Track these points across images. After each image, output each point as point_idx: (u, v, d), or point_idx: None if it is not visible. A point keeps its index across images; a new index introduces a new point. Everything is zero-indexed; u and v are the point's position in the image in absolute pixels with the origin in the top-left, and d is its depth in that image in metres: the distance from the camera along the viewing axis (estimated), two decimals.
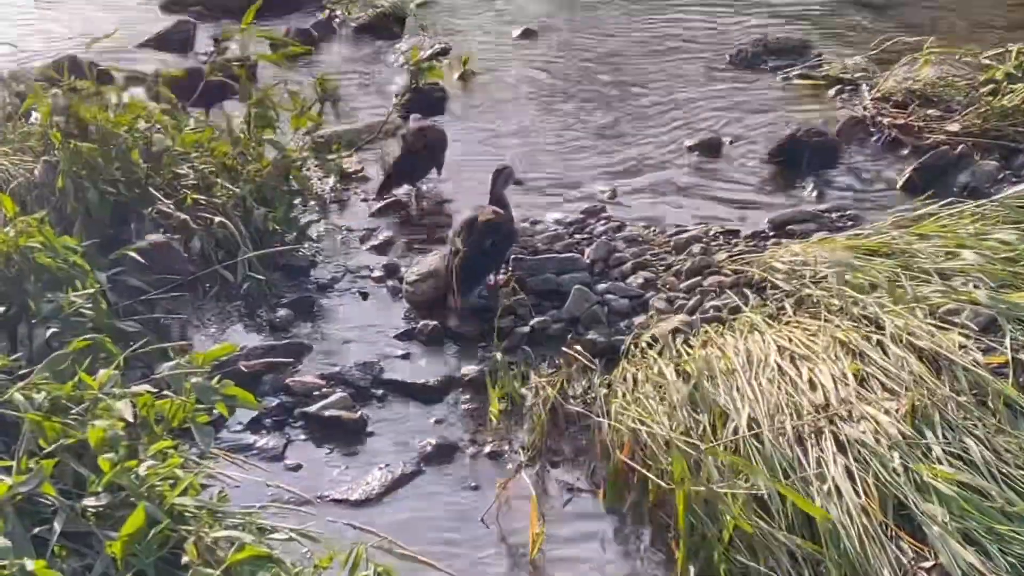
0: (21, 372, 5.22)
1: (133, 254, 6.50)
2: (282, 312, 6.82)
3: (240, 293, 6.90)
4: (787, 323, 6.00)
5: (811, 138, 8.40)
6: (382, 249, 7.53)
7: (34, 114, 7.78)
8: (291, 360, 6.38)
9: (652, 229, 7.54)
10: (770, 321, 6.04)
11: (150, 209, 7.14)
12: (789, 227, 7.45)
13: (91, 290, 5.97)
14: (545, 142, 8.85)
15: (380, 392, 6.21)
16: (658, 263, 7.14)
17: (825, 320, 5.89)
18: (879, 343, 5.58)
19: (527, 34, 10.65)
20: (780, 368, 5.49)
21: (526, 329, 6.58)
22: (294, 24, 10.72)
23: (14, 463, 4.48)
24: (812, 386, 5.36)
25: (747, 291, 6.57)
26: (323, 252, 7.49)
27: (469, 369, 6.32)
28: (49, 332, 5.69)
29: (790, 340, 5.73)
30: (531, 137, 8.94)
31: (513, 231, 7.09)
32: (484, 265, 6.88)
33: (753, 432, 5.10)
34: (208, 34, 10.61)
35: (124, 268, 6.51)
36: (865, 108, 8.89)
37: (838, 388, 5.31)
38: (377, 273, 7.28)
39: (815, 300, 6.14)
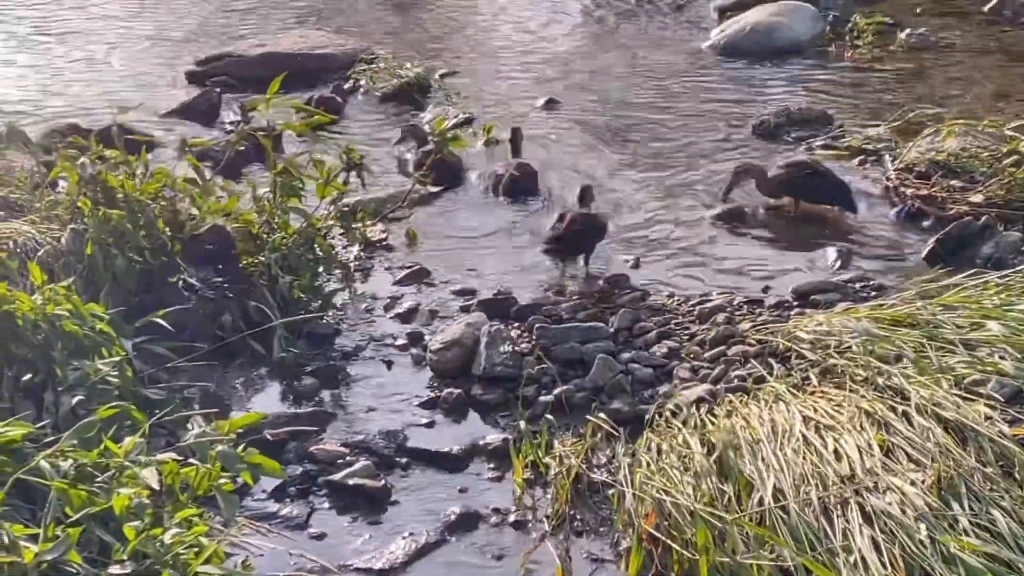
0: (47, 439, 5.24)
1: (159, 320, 6.53)
2: (307, 380, 6.83)
3: (265, 361, 6.92)
4: (812, 393, 5.99)
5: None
6: (406, 317, 7.55)
7: (61, 183, 7.85)
8: (315, 428, 6.38)
9: (676, 298, 7.55)
10: (795, 391, 6.03)
11: (176, 277, 7.19)
12: (813, 297, 7.45)
13: (117, 358, 6.00)
14: (552, 209, 8.86)
15: (404, 460, 6.20)
16: (682, 332, 7.14)
17: (850, 390, 5.87)
18: (905, 414, 5.56)
19: (550, 104, 10.71)
20: (805, 438, 5.47)
21: (550, 398, 6.58)
22: (319, 94, 10.79)
23: (40, 531, 4.48)
24: (838, 457, 5.34)
25: (772, 361, 6.56)
26: (347, 320, 7.51)
27: (493, 437, 6.32)
28: (75, 399, 5.71)
29: (815, 410, 5.72)
30: (552, 202, 8.96)
31: (605, 227, 7.99)
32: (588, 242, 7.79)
33: (779, 503, 5.08)
34: (233, 104, 10.69)
35: (150, 335, 6.54)
36: (888, 178, 8.90)
37: (864, 459, 5.29)
38: (401, 341, 7.29)
39: (840, 370, 6.13)
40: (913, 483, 5.11)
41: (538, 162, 9.41)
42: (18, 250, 7.16)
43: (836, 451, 5.37)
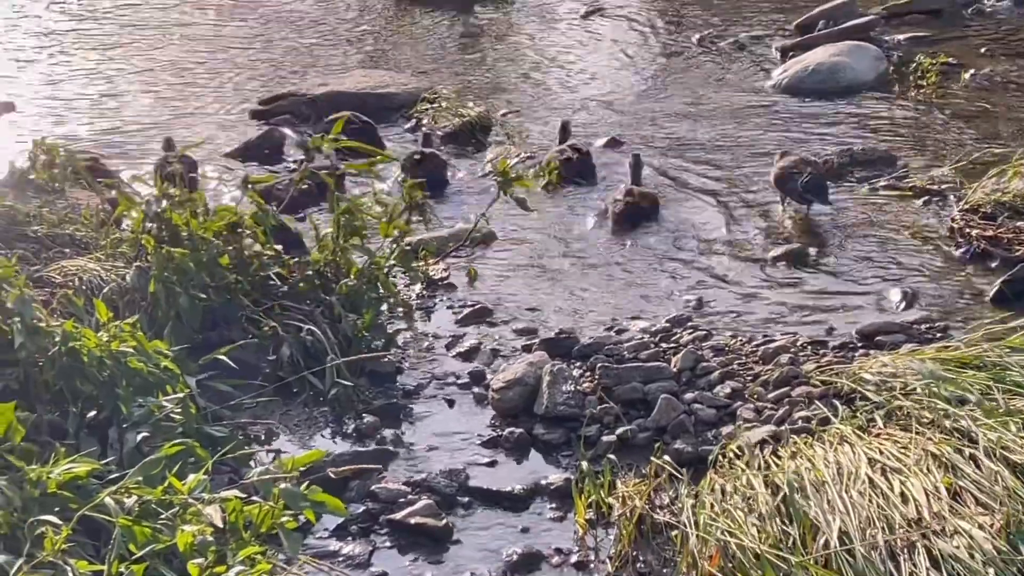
0: (112, 476, 5.27)
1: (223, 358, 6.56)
2: (369, 418, 6.84)
3: (327, 399, 6.93)
4: (878, 435, 5.94)
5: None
6: (468, 356, 7.54)
7: (126, 220, 7.92)
8: (378, 466, 6.38)
9: (739, 339, 7.52)
10: (860, 433, 5.98)
11: (239, 315, 7.22)
12: (878, 338, 7.39)
13: (181, 395, 6.03)
14: (629, 251, 8.86)
15: (466, 500, 6.19)
16: (745, 373, 7.10)
17: (916, 433, 5.82)
18: (972, 456, 5.50)
19: (612, 143, 10.71)
20: (871, 480, 5.42)
21: (612, 438, 6.56)
22: (381, 133, 10.83)
23: (105, 567, 4.50)
24: (904, 499, 5.28)
25: (836, 402, 6.51)
26: (409, 359, 7.52)
27: (555, 477, 6.30)
28: (140, 436, 5.75)
29: (881, 452, 5.67)
30: (616, 245, 8.95)
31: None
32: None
33: (845, 546, 5.03)
34: (296, 143, 10.75)
35: (214, 372, 6.57)
36: (953, 219, 8.84)
37: (931, 502, 5.23)
38: (463, 380, 7.29)
39: (906, 412, 6.08)
40: (981, 527, 5.05)
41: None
42: (84, 287, 7.22)
43: (902, 494, 5.32)
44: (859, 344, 7.39)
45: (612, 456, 6.34)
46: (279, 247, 7.64)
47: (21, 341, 6.10)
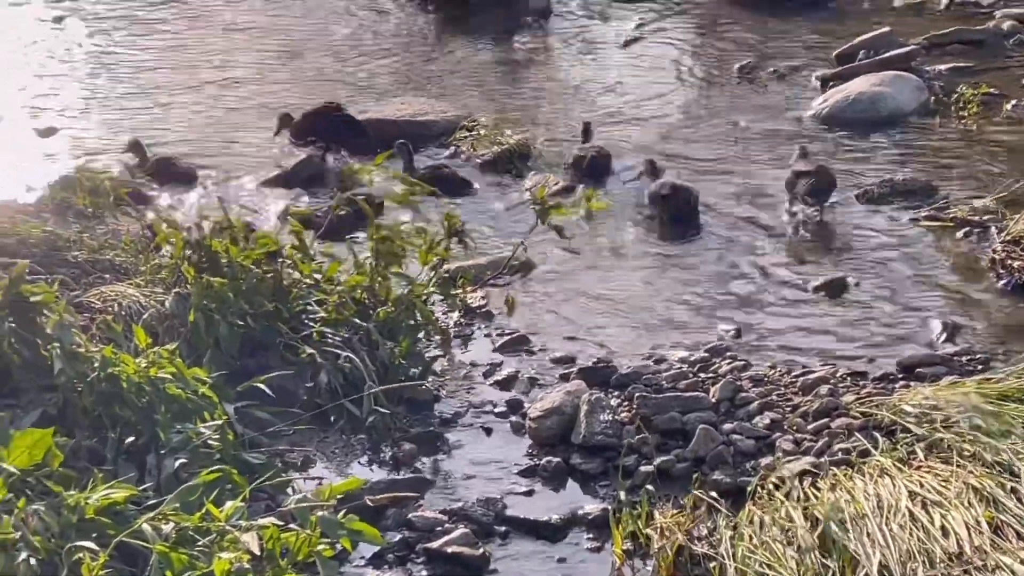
0: (149, 502, 5.28)
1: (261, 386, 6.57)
2: (406, 446, 6.83)
3: (365, 426, 6.93)
4: (918, 468, 5.90)
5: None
6: (505, 384, 7.53)
7: (165, 246, 7.94)
8: (414, 495, 6.38)
9: (778, 369, 7.48)
10: (901, 465, 5.94)
11: (277, 342, 7.24)
12: (918, 370, 7.35)
13: (219, 421, 6.04)
14: (667, 279, 8.84)
15: (503, 529, 6.18)
16: (784, 404, 7.06)
17: (958, 466, 5.78)
18: (1014, 490, 5.46)
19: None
20: (912, 514, 5.39)
21: (650, 468, 6.53)
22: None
23: None
24: (945, 533, 5.25)
25: (876, 434, 6.47)
26: (447, 386, 7.51)
27: (592, 507, 6.28)
28: (177, 463, 5.75)
29: (922, 485, 5.64)
30: (653, 273, 8.94)
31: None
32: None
33: None
34: (336, 170, 10.76)
35: (251, 400, 6.58)
36: (995, 251, 8.78)
37: (972, 536, 5.20)
38: (500, 408, 7.29)
39: (947, 445, 6.03)
40: (1023, 561, 5.01)
41: None
42: (123, 313, 7.25)
43: (943, 527, 5.29)
44: (899, 376, 7.35)
45: (650, 486, 6.31)
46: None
47: (60, 367, 6.13)
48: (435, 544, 5.96)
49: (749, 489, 6.08)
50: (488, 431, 7.11)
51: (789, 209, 9.62)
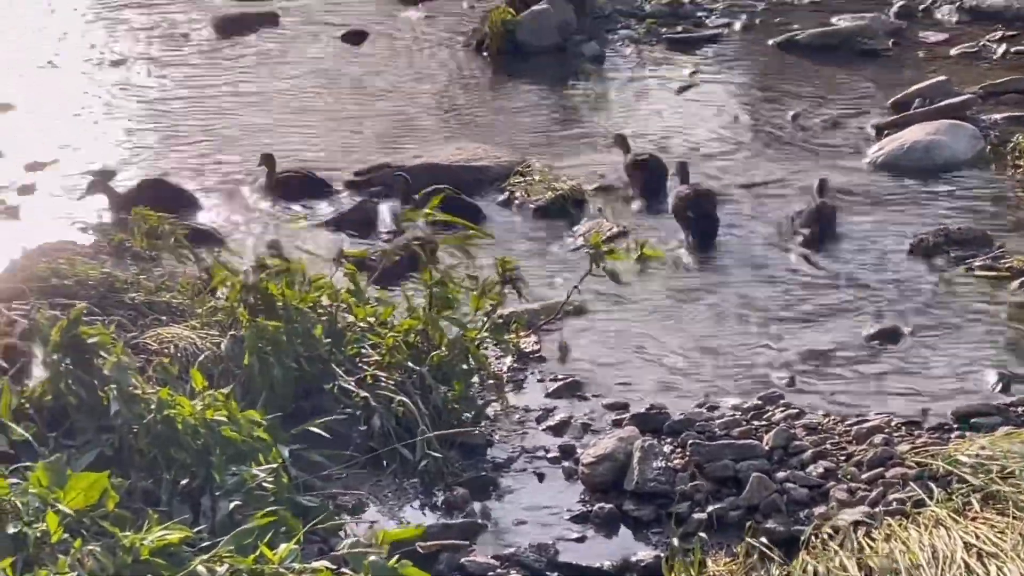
0: (204, 544, 5.30)
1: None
2: (458, 491, 6.84)
3: (418, 470, 6.94)
4: (974, 519, 5.86)
5: None
6: (558, 430, 7.54)
7: (221, 289, 8.00)
8: (467, 540, 6.38)
9: (832, 418, 7.45)
10: (956, 516, 5.90)
11: (331, 385, 7.27)
12: (974, 420, 7.30)
13: (274, 464, 6.07)
14: (721, 325, 8.83)
15: (555, 575, 6.17)
16: (838, 452, 7.03)
17: (1014, 517, 5.73)
18: None
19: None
20: (967, 565, 5.36)
21: (703, 516, 6.52)
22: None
23: None
24: None
25: (931, 484, 6.43)
26: (499, 431, 7.52)
27: (645, 554, 6.27)
28: (232, 505, 5.78)
29: (977, 536, 5.60)
30: (707, 318, 8.93)
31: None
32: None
33: None
34: (390, 214, 10.80)
35: (305, 442, 6.61)
36: None
37: None
38: (553, 454, 7.29)
39: (1003, 496, 5.99)
40: None
41: None
42: (179, 355, 7.30)
43: None
44: (955, 426, 7.30)
45: (703, 534, 6.30)
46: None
47: (117, 408, 6.19)
48: None
49: (803, 538, 6.06)
50: (540, 476, 7.11)
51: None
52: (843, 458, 6.97)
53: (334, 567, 5.07)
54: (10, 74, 14.24)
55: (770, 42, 14.63)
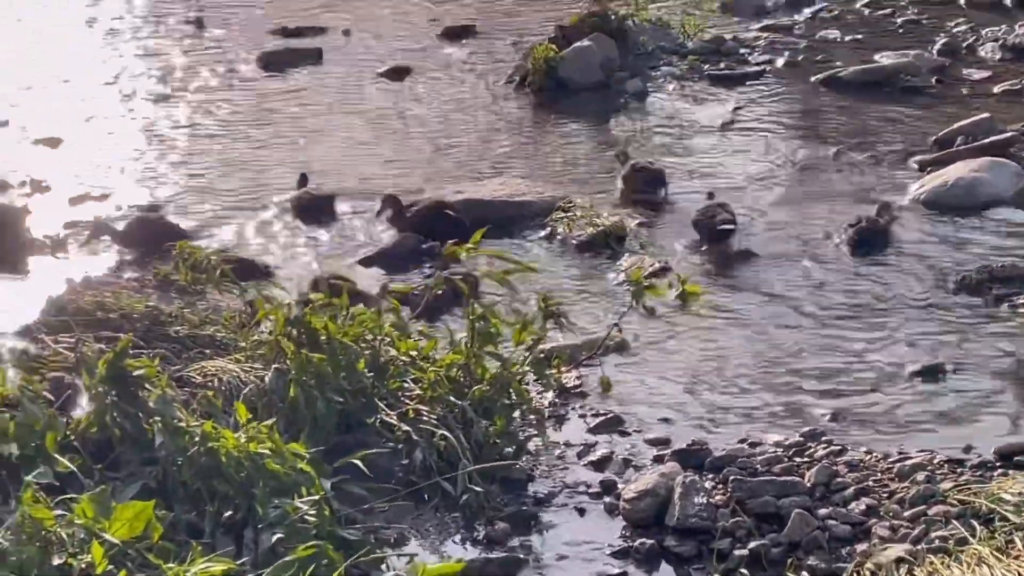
0: None
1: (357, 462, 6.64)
2: (500, 525, 6.85)
3: (459, 504, 6.96)
4: (1017, 557, 5.84)
5: None
6: (599, 465, 7.54)
7: (265, 323, 8.05)
8: (507, 575, 6.39)
9: (874, 455, 7.44)
10: (999, 555, 5.88)
11: (374, 419, 7.30)
12: (1017, 458, 7.27)
13: (316, 497, 6.10)
14: (764, 361, 8.82)
15: None
16: (881, 490, 7.02)
17: None
18: None
19: (747, 255, 10.67)
20: None
21: (745, 552, 6.51)
22: (516, 241, 10.93)
23: None
24: None
25: (974, 522, 6.41)
26: (541, 466, 7.54)
27: None
28: (275, 537, 5.81)
29: (1020, 575, 5.57)
30: (749, 355, 8.92)
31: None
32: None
33: None
34: (432, 249, 10.83)
35: (348, 476, 6.64)
36: None
37: None
38: (594, 489, 7.29)
39: None
40: None
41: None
42: (223, 388, 7.35)
43: None
44: (998, 463, 7.28)
45: (744, 570, 6.30)
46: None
47: (161, 440, 6.23)
48: None
49: (844, 575, 6.04)
50: (581, 511, 7.12)
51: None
52: (885, 495, 6.96)
53: None
54: (59, 107, 14.35)
55: (812, 79, 14.62)
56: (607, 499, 7.18)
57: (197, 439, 6.27)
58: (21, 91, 14.84)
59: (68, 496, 6.04)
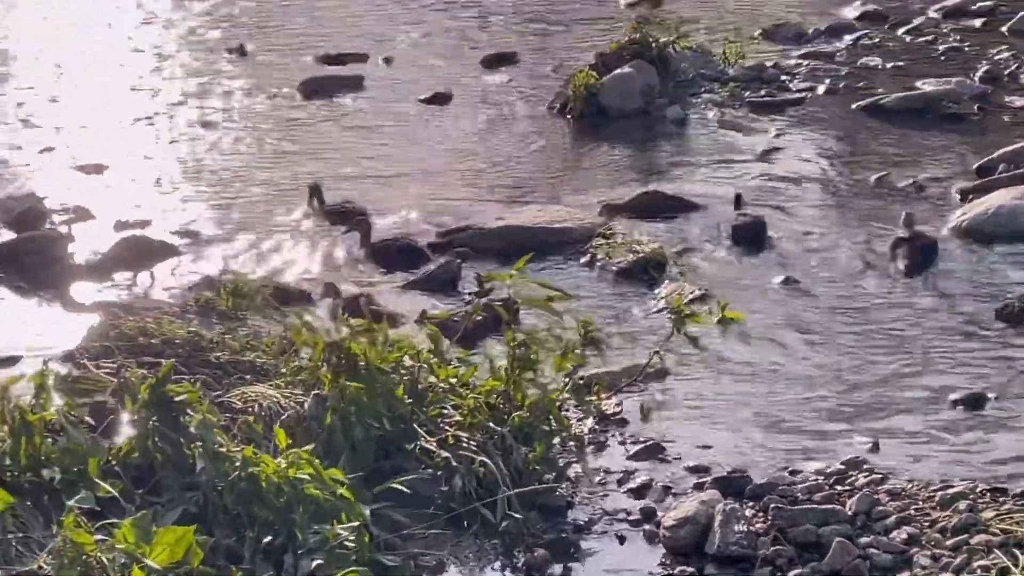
0: None
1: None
2: (539, 552, 6.85)
3: (498, 531, 6.96)
4: None
5: None
6: (639, 492, 7.53)
7: (305, 349, 8.07)
8: None
9: (916, 483, 7.40)
10: None
11: (413, 445, 7.31)
12: None
13: (355, 523, 6.11)
14: (805, 387, 8.79)
15: None
16: (922, 519, 6.99)
17: None
18: None
19: (788, 282, 10.65)
20: None
21: None
22: (555, 268, 10.94)
23: None
24: None
25: (1016, 551, 6.37)
26: (580, 493, 7.53)
27: None
28: (314, 563, 5.83)
29: None
30: (788, 381, 8.89)
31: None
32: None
33: None
34: (472, 275, 10.84)
35: (387, 501, 6.65)
36: None
37: None
38: (634, 517, 7.28)
39: None
40: None
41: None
42: (263, 414, 7.37)
43: None
44: None
45: None
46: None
47: (202, 465, 6.26)
48: None
49: None
50: (621, 539, 7.11)
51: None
52: (927, 524, 6.93)
53: None
54: (104, 133, 14.44)
55: (854, 106, 14.57)
56: (647, 526, 7.17)
57: (238, 464, 6.30)
58: (67, 117, 14.94)
59: (109, 521, 6.07)
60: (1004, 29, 16.86)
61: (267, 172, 13.38)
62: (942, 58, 16.04)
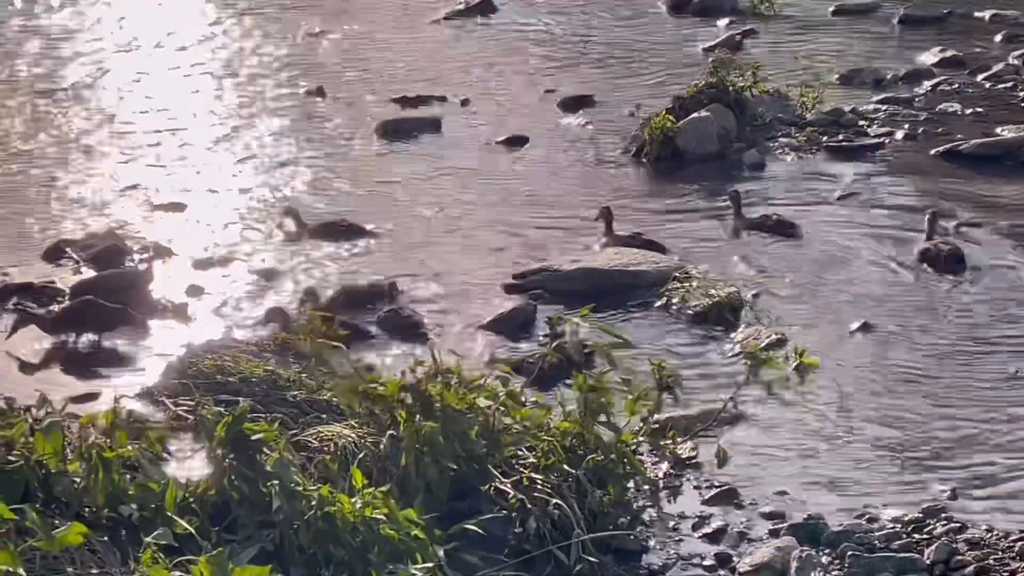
0: None
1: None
2: None
3: (572, 574, 6.94)
4: None
5: None
6: (714, 537, 7.51)
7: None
8: None
9: (995, 533, 7.32)
10: None
11: (487, 486, 7.31)
12: None
13: (429, 563, 6.12)
14: (880, 433, 8.74)
15: None
16: (1001, 568, 6.92)
17: None
18: None
19: (865, 328, 10.58)
20: None
21: None
22: (630, 311, 10.95)
23: None
24: None
25: None
26: (655, 537, 7.51)
27: None
28: None
29: None
30: (864, 426, 8.84)
31: None
32: None
33: None
34: (547, 318, 10.85)
35: (461, 542, 6.65)
36: None
37: None
38: (709, 562, 7.27)
39: None
40: None
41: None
42: (339, 453, 7.39)
43: None
44: None
45: None
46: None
47: (279, 504, 6.29)
48: None
49: None
50: None
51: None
52: (1006, 574, 6.85)
53: None
54: (185, 173, 14.57)
55: (932, 152, 14.50)
56: (722, 572, 7.16)
57: (314, 503, 6.33)
58: (152, 158, 15.08)
59: (186, 558, 6.11)
60: None
61: (343, 214, 13.40)
62: (1022, 104, 15.92)
